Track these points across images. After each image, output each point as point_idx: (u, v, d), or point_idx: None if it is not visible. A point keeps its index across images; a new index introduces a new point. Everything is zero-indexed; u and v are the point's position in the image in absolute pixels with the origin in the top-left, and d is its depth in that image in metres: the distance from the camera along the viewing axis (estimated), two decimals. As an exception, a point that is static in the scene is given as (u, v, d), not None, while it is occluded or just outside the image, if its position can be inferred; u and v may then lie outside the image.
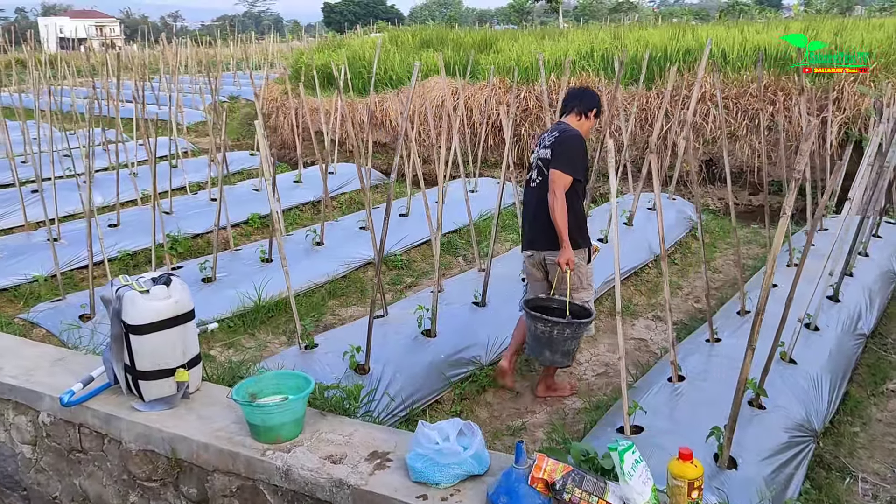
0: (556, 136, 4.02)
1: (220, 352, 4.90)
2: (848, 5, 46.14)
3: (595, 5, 69.27)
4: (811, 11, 36.95)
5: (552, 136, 4.04)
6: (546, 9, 41.58)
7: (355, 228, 6.63)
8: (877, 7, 46.12)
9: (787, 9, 55.60)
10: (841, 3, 47.81)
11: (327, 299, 5.76)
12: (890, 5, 42.00)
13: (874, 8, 44.98)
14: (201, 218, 7.13)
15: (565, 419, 4.16)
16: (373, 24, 29.83)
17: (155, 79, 17.65)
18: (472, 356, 4.39)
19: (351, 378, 3.89)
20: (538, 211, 4.00)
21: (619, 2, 67.13)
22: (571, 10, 70.13)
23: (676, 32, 10.34)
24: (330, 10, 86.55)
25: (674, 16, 59.91)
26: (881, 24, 9.96)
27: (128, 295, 3.05)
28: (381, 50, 12.72)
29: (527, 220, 4.20)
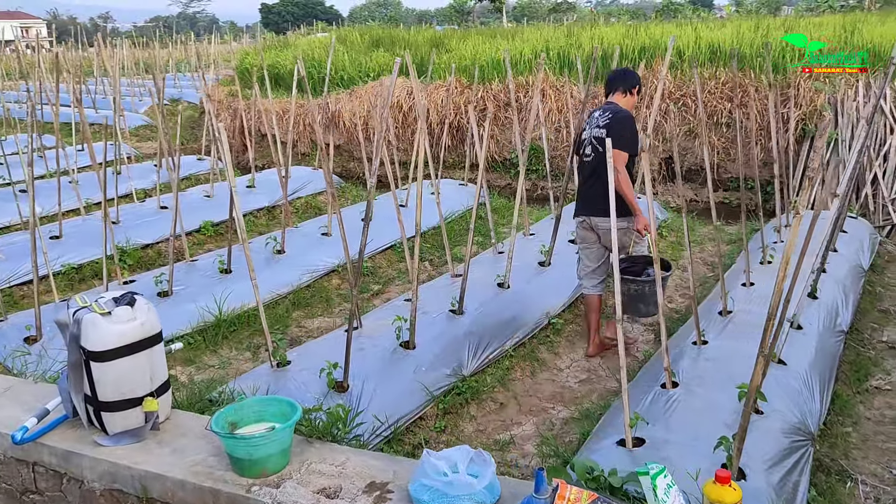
0: (610, 116, 4.46)
1: (181, 371, 4.57)
2: (776, 6, 47.59)
3: (534, 5, 69.88)
4: (742, 12, 37.91)
5: (605, 116, 4.48)
6: (489, 8, 41.49)
7: (317, 235, 6.35)
8: (803, 7, 47.71)
9: (718, 9, 57.03)
10: (770, 4, 49.30)
11: (291, 310, 5.48)
12: (816, 5, 43.45)
13: (801, 8, 46.48)
14: (151, 227, 6.75)
15: (553, 429, 4.00)
16: (315, 24, 29.32)
17: (90, 81, 16.93)
18: (453, 367, 4.19)
19: (329, 397, 3.65)
20: (592, 182, 4.49)
21: (558, 2, 67.91)
22: (511, 11, 70.42)
23: (630, 30, 10.33)
24: (268, 10, 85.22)
25: (611, 15, 60.82)
26: (820, 22, 10.14)
27: (87, 318, 2.75)
28: (319, 50, 12.43)
29: (582, 189, 4.71)
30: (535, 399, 4.35)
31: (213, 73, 18.14)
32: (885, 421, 3.99)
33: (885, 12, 13.88)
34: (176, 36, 24.58)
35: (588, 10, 61.80)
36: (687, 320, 5.13)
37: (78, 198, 7.18)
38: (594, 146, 4.47)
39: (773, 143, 5.82)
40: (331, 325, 5.34)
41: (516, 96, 9.28)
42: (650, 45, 9.35)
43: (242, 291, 5.21)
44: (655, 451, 3.12)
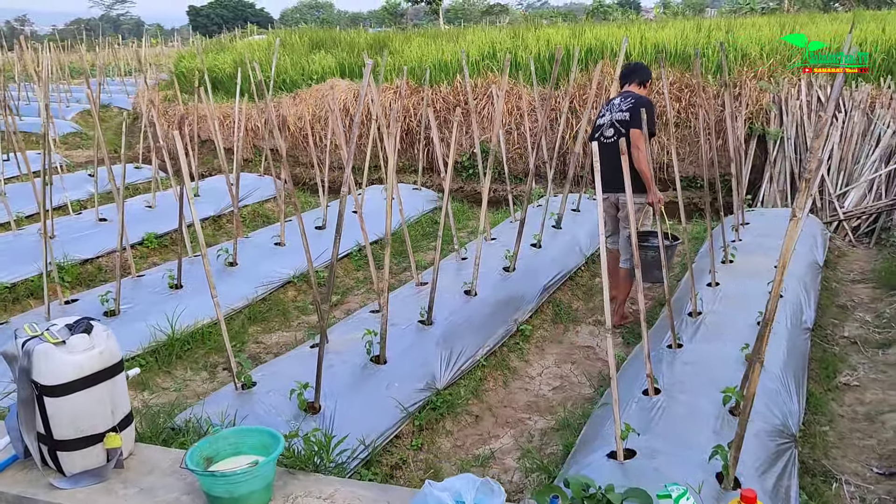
0: (632, 102, 4.95)
1: (133, 395, 4.27)
2: (700, 8, 49.03)
3: (468, 8, 70.28)
4: (669, 14, 38.85)
5: (627, 101, 4.99)
6: (426, 10, 41.41)
7: (269, 245, 6.09)
8: (727, 10, 49.32)
9: (646, 11, 58.47)
10: (695, 6, 50.74)
11: (248, 325, 5.22)
12: (738, 7, 44.92)
13: (724, 10, 48.05)
14: (90, 241, 6.36)
15: (533, 441, 3.88)
16: (248, 27, 28.63)
17: (11, 87, 16.06)
18: (426, 381, 4.02)
19: (302, 420, 3.44)
20: (614, 161, 4.45)
21: (491, 4, 68.50)
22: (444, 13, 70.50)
23: (576, 32, 10.35)
24: (196, 13, 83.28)
25: (543, 17, 61.72)
26: (753, 22, 10.37)
27: (39, 349, 2.50)
28: (269, 52, 12.08)
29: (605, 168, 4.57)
30: (510, 410, 4.23)
31: (146, 78, 17.47)
32: (859, 418, 4.01)
33: (811, 14, 14.37)
34: (102, 39, 23.63)
35: (520, 13, 62.58)
36: (653, 322, 5.10)
37: (8, 211, 6.72)
38: (616, 128, 5.00)
39: (730, 143, 5.85)
40: (290, 339, 5.11)
41: (465, 99, 9.17)
42: (597, 46, 9.37)
43: (195, 307, 4.95)
44: (647, 463, 3.03)
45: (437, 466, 3.59)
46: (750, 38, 9.15)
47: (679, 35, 9.55)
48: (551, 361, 4.82)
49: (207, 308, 4.97)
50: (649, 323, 5.24)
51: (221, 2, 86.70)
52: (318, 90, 9.92)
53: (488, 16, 64.52)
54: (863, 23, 9.21)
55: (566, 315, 5.39)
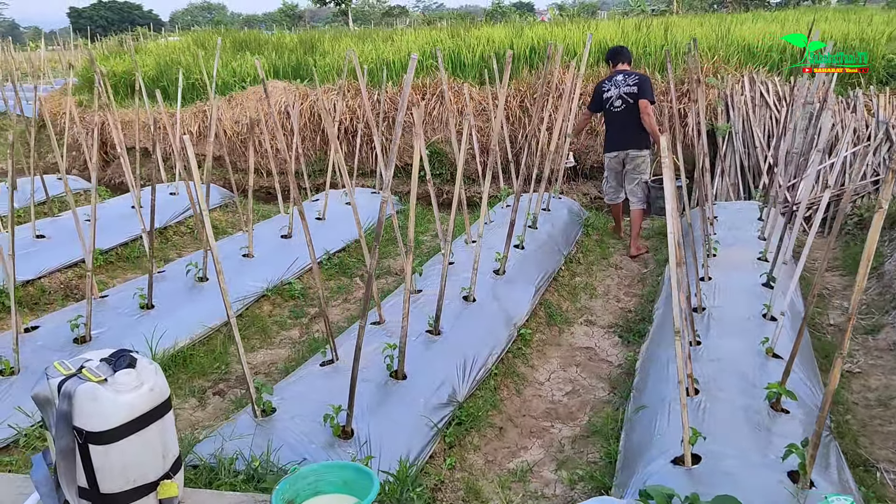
0: (637, 77, 6.45)
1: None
2: (592, 10, 50.52)
3: (367, 10, 70.00)
4: (565, 15, 39.81)
5: (633, 77, 6.44)
6: (335, 12, 40.75)
7: (238, 257, 5.69)
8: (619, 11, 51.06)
9: (540, 12, 59.73)
10: (588, 8, 52.24)
11: (228, 344, 4.84)
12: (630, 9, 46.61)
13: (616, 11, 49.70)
14: (29, 260, 5.78)
15: (563, 451, 3.74)
16: (136, 30, 27.31)
17: None
18: (448, 395, 3.81)
19: (336, 446, 3.17)
20: (626, 125, 6.42)
21: (391, 7, 68.47)
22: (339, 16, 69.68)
23: (515, 31, 10.32)
24: (77, 15, 79.15)
25: (442, 19, 62.11)
26: (700, 21, 10.66)
27: (82, 390, 2.16)
28: (190, 54, 11.47)
29: (615, 132, 6.59)
30: (530, 419, 4.07)
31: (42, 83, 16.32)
32: (872, 404, 4.08)
33: (700, 15, 14.88)
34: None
35: (418, 15, 62.66)
36: (643, 320, 5.08)
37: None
38: (624, 100, 6.39)
39: (694, 139, 5.91)
40: (275, 357, 4.78)
41: (412, 100, 8.96)
42: (540, 46, 9.35)
43: (172, 328, 4.55)
44: (715, 466, 2.93)
45: (477, 486, 3.39)
46: (687, 36, 9.37)
47: (620, 35, 9.68)
48: (556, 365, 4.70)
49: (184, 328, 4.62)
50: (637, 320, 5.23)
51: (105, 3, 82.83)
52: (256, 92, 9.45)
53: (388, 17, 64.41)
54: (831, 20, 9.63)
55: (559, 316, 5.29)
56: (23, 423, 3.58)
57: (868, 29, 8.95)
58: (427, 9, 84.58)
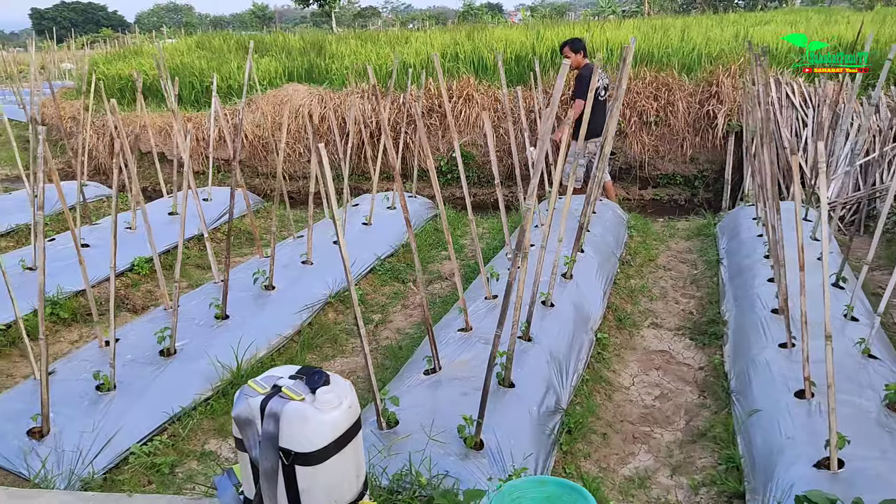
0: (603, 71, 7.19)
1: (216, 444, 3.76)
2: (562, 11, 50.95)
3: (339, 11, 70.06)
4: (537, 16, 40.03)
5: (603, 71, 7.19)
6: (318, 13, 40.45)
7: (297, 263, 5.59)
8: (591, 13, 51.52)
9: (509, 13, 60.05)
10: (559, 9, 52.66)
11: (303, 353, 4.75)
12: (600, 10, 47.10)
13: (588, 13, 50.13)
14: (76, 269, 5.59)
15: (673, 456, 3.72)
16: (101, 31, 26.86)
17: None
18: (554, 402, 3.78)
19: (471, 457, 3.11)
20: (604, 113, 6.57)
21: (363, 8, 68.36)
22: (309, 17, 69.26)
23: (532, 33, 10.31)
24: (40, 16, 77.61)
25: (414, 19, 62.30)
26: (717, 22, 10.76)
27: (290, 409, 2.09)
28: (196, 56, 11.28)
29: (600, 120, 6.62)
30: (628, 424, 4.05)
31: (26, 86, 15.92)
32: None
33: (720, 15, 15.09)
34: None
35: (390, 16, 62.52)
36: (711, 322, 5.09)
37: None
38: (604, 90, 7.04)
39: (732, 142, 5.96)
40: (353, 366, 4.70)
41: (438, 102, 8.91)
42: (542, 49, 9.37)
43: (249, 338, 4.45)
44: (862, 469, 2.95)
45: (600, 495, 3.36)
46: (705, 38, 9.45)
47: (641, 36, 9.72)
48: (636, 369, 4.69)
49: (261, 338, 4.53)
50: (707, 322, 5.24)
51: (68, 4, 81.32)
52: (276, 95, 9.31)
53: (360, 18, 64.27)
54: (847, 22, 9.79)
55: (627, 320, 5.29)
56: (123, 442, 3.47)
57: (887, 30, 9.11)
58: (395, 10, 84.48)
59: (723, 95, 8.22)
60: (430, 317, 3.85)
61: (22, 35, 76.22)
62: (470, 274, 6.17)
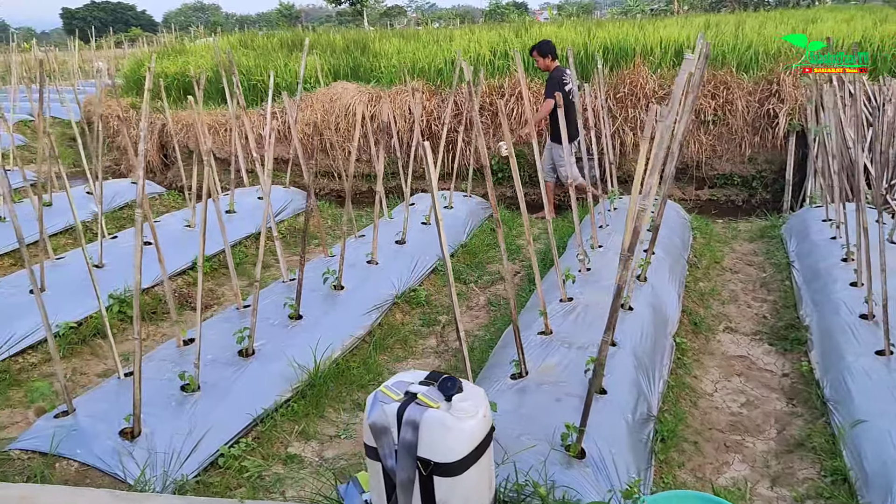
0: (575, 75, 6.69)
1: (301, 447, 3.69)
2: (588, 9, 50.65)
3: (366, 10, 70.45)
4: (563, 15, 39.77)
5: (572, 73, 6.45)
6: (349, 12, 40.54)
7: (363, 263, 5.52)
8: (618, 11, 51.18)
9: (534, 12, 59.78)
10: (586, 7, 52.38)
11: (375, 354, 4.67)
12: (628, 9, 46.71)
13: (616, 11, 49.83)
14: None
15: (770, 466, 3.59)
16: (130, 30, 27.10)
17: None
18: (646, 409, 3.67)
19: (575, 466, 3.01)
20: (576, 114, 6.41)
21: (388, 7, 68.70)
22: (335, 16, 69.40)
23: (582, 30, 10.17)
24: (71, 16, 78.70)
25: (440, 18, 62.24)
26: (774, 17, 10.53)
27: (429, 417, 2.00)
28: (242, 55, 11.28)
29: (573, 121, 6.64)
30: (717, 432, 3.92)
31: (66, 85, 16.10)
32: None
33: (779, 11, 14.84)
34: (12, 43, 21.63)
35: (413, 15, 62.57)
36: (789, 327, 4.94)
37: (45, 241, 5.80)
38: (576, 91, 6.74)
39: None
40: (426, 367, 4.61)
41: (490, 100, 8.81)
42: (614, 46, 9.22)
43: (324, 338, 4.38)
44: None
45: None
46: (760, 35, 9.25)
47: (685, 33, 9.55)
48: (717, 375, 4.55)
49: (335, 338, 4.47)
50: (788, 325, 5.08)
51: (98, 4, 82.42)
52: (326, 94, 9.26)
53: (386, 17, 64.42)
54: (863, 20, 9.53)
55: (701, 322, 5.15)
56: (211, 444, 3.41)
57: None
58: (419, 8, 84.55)
59: (784, 94, 8.02)
60: (517, 320, 3.75)
61: (52, 34, 77.37)
62: (532, 274, 6.07)
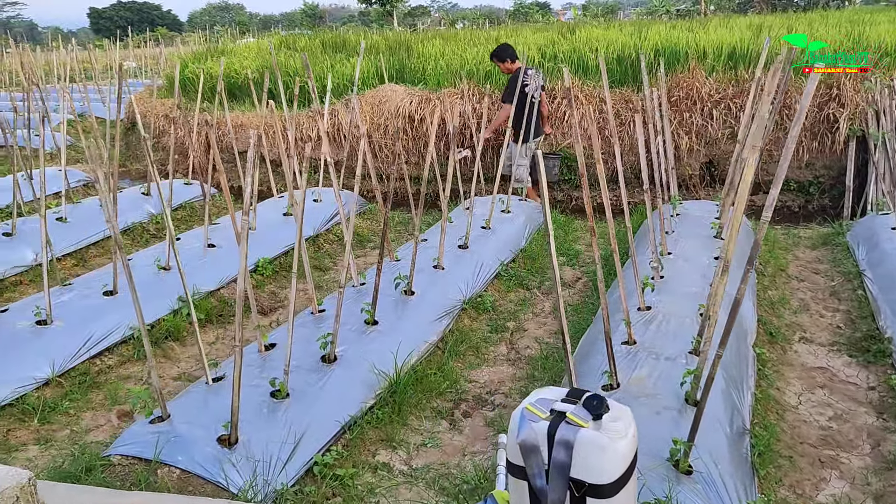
0: (539, 73, 7.42)
1: (389, 455, 3.65)
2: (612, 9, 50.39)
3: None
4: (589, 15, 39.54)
5: (538, 74, 7.34)
6: (381, 13, 40.61)
7: (429, 268, 5.47)
8: (644, 11, 50.79)
9: (558, 12, 59.53)
10: (610, 8, 52.08)
11: (449, 362, 4.63)
12: (654, 9, 46.32)
13: (641, 11, 49.43)
14: (206, 269, 5.60)
15: (869, 483, 3.49)
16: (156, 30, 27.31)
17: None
18: (741, 423, 3.59)
19: (683, 484, 2.94)
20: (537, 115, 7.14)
21: (412, 7, 68.84)
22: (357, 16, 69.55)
23: (636, 32, 10.07)
24: (98, 15, 79.61)
25: (464, 18, 62.10)
26: (826, 18, 10.37)
27: (583, 437, 1.95)
28: (286, 55, 11.29)
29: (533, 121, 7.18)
30: (809, 447, 3.83)
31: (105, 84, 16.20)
32: None
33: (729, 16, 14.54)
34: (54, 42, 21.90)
35: (437, 15, 62.60)
36: (868, 338, 4.83)
37: (118, 246, 5.84)
38: (538, 92, 7.20)
39: None
40: (501, 376, 4.56)
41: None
42: (663, 47, 9.11)
43: (400, 344, 4.33)
44: None
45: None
46: (812, 36, 9.08)
47: (738, 35, 9.41)
48: (799, 387, 4.45)
49: (410, 344, 4.43)
50: (866, 335, 4.97)
51: (125, 4, 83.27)
52: (374, 96, 9.24)
53: (409, 17, 64.50)
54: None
55: (777, 332, 5.05)
56: (305, 452, 3.38)
57: None
58: (442, 8, 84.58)
59: (844, 98, 7.87)
60: (609, 330, 3.68)
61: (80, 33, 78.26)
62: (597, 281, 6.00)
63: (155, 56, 21.78)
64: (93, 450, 3.65)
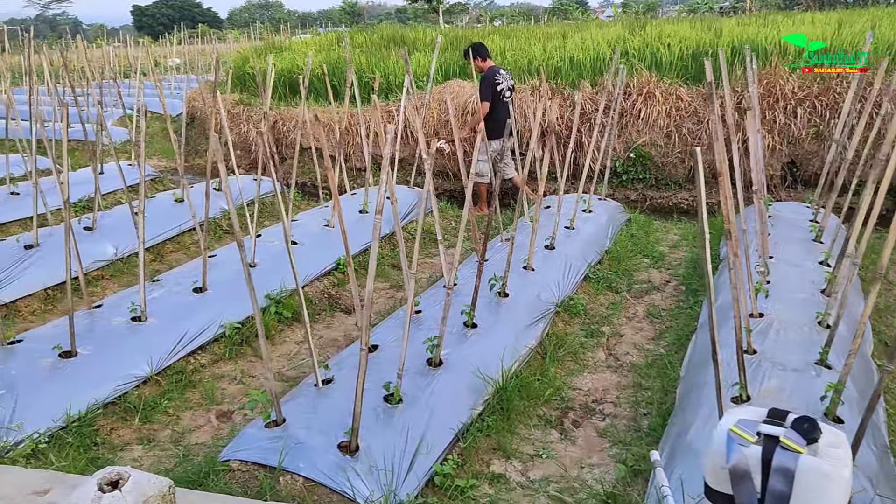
0: (508, 72, 7.75)
1: (503, 466, 3.49)
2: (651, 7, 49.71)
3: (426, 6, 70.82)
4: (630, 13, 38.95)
5: (508, 73, 7.68)
6: (425, 9, 40.58)
7: (519, 269, 5.29)
8: (685, 8, 49.95)
9: (598, 10, 58.89)
10: (652, 5, 51.40)
11: (547, 366, 4.45)
12: (695, 7, 45.54)
13: (682, 9, 48.60)
14: (289, 268, 5.48)
15: None
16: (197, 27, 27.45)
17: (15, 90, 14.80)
18: (882, 439, 3.36)
19: None
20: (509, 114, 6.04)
21: (452, 4, 68.62)
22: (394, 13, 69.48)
23: (708, 27, 9.77)
24: (141, 13, 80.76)
25: (502, 16, 61.62)
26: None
27: (805, 465, 1.76)
28: (339, 52, 11.19)
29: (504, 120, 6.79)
30: None
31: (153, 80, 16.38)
32: None
33: (789, 14, 14.07)
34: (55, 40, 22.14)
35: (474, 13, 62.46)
36: None
37: (199, 239, 5.78)
38: (511, 91, 7.51)
39: None
40: (605, 383, 4.37)
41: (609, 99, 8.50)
42: (739, 45, 8.80)
43: (500, 349, 4.17)
44: None
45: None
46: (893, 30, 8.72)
47: (814, 31, 9.07)
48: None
49: (510, 348, 4.26)
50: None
51: (167, 1, 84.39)
52: (441, 92, 9.09)
53: (448, 14, 64.30)
54: None
55: (893, 344, 4.78)
56: (424, 460, 3.24)
57: None
58: (479, 6, 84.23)
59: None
60: (741, 340, 3.48)
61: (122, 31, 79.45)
62: (688, 283, 5.80)
63: (204, 52, 21.91)
64: (197, 452, 3.56)
